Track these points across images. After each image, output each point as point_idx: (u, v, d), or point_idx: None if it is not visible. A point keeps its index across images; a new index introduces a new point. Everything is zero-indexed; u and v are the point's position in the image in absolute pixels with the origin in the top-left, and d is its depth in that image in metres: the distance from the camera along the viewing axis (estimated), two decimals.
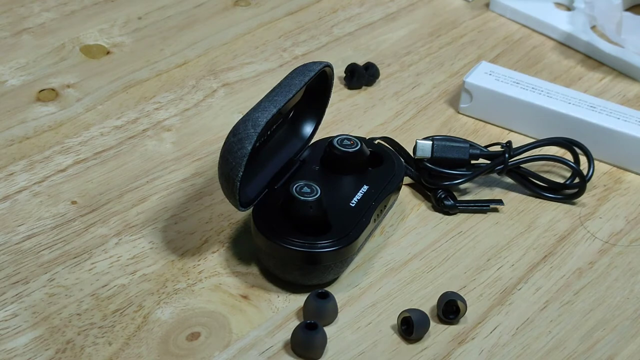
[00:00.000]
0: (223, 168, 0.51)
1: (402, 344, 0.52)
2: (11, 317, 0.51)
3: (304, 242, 0.52)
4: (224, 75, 0.70)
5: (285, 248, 0.52)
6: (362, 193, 0.56)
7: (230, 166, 0.50)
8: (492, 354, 0.51)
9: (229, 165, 0.50)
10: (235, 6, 0.78)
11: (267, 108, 0.52)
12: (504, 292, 0.55)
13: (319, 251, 0.52)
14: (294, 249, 0.52)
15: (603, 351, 0.52)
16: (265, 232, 0.52)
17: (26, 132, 0.63)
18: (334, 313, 0.52)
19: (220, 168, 0.51)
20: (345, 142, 0.57)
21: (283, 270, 0.53)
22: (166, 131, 0.64)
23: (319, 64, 0.56)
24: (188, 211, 0.58)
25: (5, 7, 0.75)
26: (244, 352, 0.50)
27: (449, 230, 0.59)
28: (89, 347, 0.50)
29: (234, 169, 0.50)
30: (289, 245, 0.52)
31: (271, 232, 0.52)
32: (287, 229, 0.52)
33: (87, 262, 0.55)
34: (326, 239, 0.52)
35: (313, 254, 0.52)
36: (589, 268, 0.57)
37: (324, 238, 0.52)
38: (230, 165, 0.50)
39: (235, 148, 0.50)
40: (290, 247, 0.52)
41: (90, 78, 0.69)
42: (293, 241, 0.52)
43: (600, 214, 0.60)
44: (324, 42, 0.74)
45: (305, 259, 0.52)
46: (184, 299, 0.53)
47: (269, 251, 0.53)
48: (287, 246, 0.52)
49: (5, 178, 0.60)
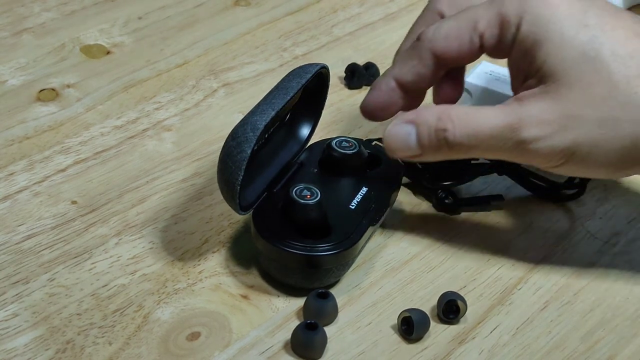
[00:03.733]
0: (223, 172, 0.51)
1: (402, 344, 0.52)
2: (11, 317, 0.51)
3: (305, 246, 0.52)
4: (224, 75, 0.70)
5: (286, 252, 0.52)
6: (361, 195, 0.55)
7: (230, 170, 0.50)
8: (492, 354, 0.51)
9: (228, 169, 0.50)
10: (235, 6, 0.78)
11: (265, 111, 0.52)
12: (504, 292, 0.55)
13: (320, 254, 0.52)
14: (296, 253, 0.52)
15: (603, 351, 0.52)
16: (266, 236, 0.52)
17: (26, 132, 0.63)
18: (334, 313, 0.52)
19: (220, 172, 0.51)
20: (344, 144, 0.57)
21: (284, 273, 0.53)
22: (166, 131, 0.64)
23: (316, 65, 0.56)
24: (188, 211, 0.58)
25: (5, 7, 0.75)
26: (244, 352, 0.50)
27: (449, 230, 0.59)
28: (89, 347, 0.50)
29: (234, 172, 0.50)
30: (290, 249, 0.52)
31: (272, 236, 0.52)
32: (288, 232, 0.52)
33: (87, 262, 0.55)
34: (327, 242, 0.52)
35: (314, 257, 0.52)
36: (588, 268, 0.57)
37: (325, 241, 0.52)
38: (229, 169, 0.50)
39: (235, 152, 0.50)
40: (291, 250, 0.52)
41: (90, 78, 0.69)
42: (294, 245, 0.52)
43: (600, 214, 0.60)
44: (324, 42, 0.74)
45: (306, 263, 0.52)
46: (184, 298, 0.53)
47: (269, 255, 0.53)
48: (289, 250, 0.52)
49: (6, 178, 0.60)
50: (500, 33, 0.52)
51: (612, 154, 0.51)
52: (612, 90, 0.50)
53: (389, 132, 0.53)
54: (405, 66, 0.55)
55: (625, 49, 0.50)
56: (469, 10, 0.53)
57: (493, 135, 0.51)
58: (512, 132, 0.50)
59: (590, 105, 0.50)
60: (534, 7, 0.51)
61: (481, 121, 0.51)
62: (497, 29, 0.52)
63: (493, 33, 0.52)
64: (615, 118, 0.50)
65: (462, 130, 0.51)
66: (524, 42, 0.51)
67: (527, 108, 0.50)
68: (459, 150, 0.52)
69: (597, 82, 0.50)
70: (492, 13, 0.52)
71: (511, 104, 0.51)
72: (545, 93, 0.50)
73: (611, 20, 0.51)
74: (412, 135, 0.52)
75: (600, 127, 0.50)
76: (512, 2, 0.52)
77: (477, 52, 0.53)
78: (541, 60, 0.51)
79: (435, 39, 0.53)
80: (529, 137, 0.50)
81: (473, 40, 0.53)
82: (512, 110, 0.51)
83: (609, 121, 0.50)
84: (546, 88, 0.50)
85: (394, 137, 0.53)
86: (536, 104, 0.50)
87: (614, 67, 0.50)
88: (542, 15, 0.51)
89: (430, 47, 0.54)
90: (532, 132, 0.50)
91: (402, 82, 0.55)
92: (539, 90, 0.51)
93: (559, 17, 0.51)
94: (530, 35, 0.51)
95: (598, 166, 0.51)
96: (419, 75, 0.54)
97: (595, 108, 0.50)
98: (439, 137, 0.51)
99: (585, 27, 0.50)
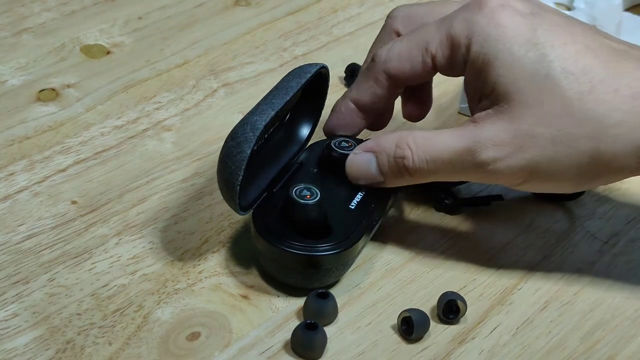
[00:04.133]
0: (222, 172, 0.51)
1: (402, 344, 0.52)
2: (11, 317, 0.51)
3: (305, 246, 0.52)
4: (224, 75, 0.70)
5: (287, 252, 0.52)
6: (361, 195, 0.55)
7: (230, 170, 0.50)
8: (492, 354, 0.51)
9: (228, 169, 0.50)
10: (235, 6, 0.78)
11: (265, 111, 0.52)
12: (504, 292, 0.55)
13: (321, 254, 0.52)
14: (296, 253, 0.52)
15: (603, 351, 0.52)
16: (267, 236, 0.52)
17: (26, 132, 0.63)
18: (334, 313, 0.52)
19: (220, 172, 0.51)
20: (343, 144, 0.57)
21: (284, 273, 0.53)
22: (166, 131, 0.64)
23: (315, 65, 0.56)
24: (188, 211, 0.58)
25: (5, 7, 0.75)
26: (244, 352, 0.50)
27: (449, 230, 0.59)
28: (89, 347, 0.50)
29: (234, 173, 0.50)
30: (290, 249, 0.52)
31: (272, 236, 0.52)
32: (288, 232, 0.52)
33: (88, 262, 0.55)
34: (328, 242, 0.52)
35: (315, 257, 0.52)
36: (589, 268, 0.57)
37: (326, 241, 0.52)
38: (229, 170, 0.50)
39: (235, 152, 0.50)
40: (292, 251, 0.52)
41: (90, 78, 0.69)
42: (295, 245, 0.52)
43: (600, 214, 0.60)
44: (324, 42, 0.74)
45: (307, 263, 0.52)
46: (184, 298, 0.53)
47: (270, 255, 0.53)
48: (289, 250, 0.52)
49: (6, 178, 0.60)
50: (451, 54, 0.53)
51: (571, 170, 0.51)
52: (566, 107, 0.50)
53: (350, 160, 0.55)
54: (362, 88, 0.56)
55: (577, 65, 0.50)
56: (421, 31, 0.54)
57: (452, 160, 0.52)
58: (470, 155, 0.51)
59: (544, 123, 0.50)
60: (483, 28, 0.51)
61: (438, 146, 0.52)
62: (448, 50, 0.52)
63: (444, 54, 0.53)
64: (571, 135, 0.50)
65: (421, 157, 0.52)
66: (475, 63, 0.52)
67: (482, 130, 0.51)
68: (420, 176, 0.53)
69: (549, 101, 0.50)
70: (442, 34, 0.53)
71: (468, 127, 0.52)
72: (500, 114, 0.51)
73: (562, 36, 0.51)
74: (373, 163, 0.54)
75: (556, 145, 0.50)
76: (461, 22, 0.52)
77: (430, 71, 0.54)
78: (493, 81, 0.51)
79: (389, 59, 0.54)
80: (487, 159, 0.51)
81: (425, 61, 0.53)
82: (469, 132, 0.51)
83: (564, 138, 0.50)
84: (500, 109, 0.51)
85: (355, 166, 0.55)
86: (491, 125, 0.51)
87: (566, 85, 0.50)
88: (491, 36, 0.51)
89: (384, 69, 0.55)
90: (489, 154, 0.51)
91: (360, 104, 0.57)
92: (494, 111, 0.51)
93: (508, 36, 0.51)
94: (480, 56, 0.51)
95: (559, 182, 0.52)
96: (376, 96, 0.56)
97: (549, 126, 0.50)
98: (398, 164, 0.53)
99: (535, 45, 0.50)
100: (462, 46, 0.52)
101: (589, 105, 0.49)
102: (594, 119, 0.50)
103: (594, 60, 0.50)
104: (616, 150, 0.50)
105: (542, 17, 0.51)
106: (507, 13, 0.51)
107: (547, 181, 0.52)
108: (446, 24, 0.53)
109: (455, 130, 0.52)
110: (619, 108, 0.49)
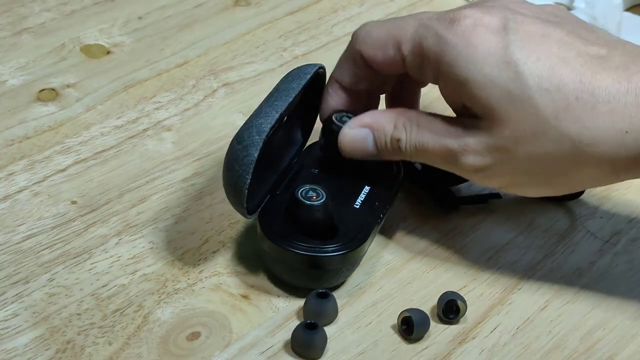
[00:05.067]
0: (230, 176, 0.51)
1: (402, 344, 0.52)
2: (11, 317, 0.51)
3: (313, 247, 0.52)
4: (224, 75, 0.70)
5: (295, 253, 0.52)
6: (364, 194, 0.55)
7: (238, 174, 0.50)
8: (492, 353, 0.51)
9: (235, 173, 0.50)
10: (235, 6, 0.78)
11: (269, 113, 0.52)
12: (504, 292, 0.55)
13: (329, 255, 0.52)
14: (305, 254, 0.52)
15: (603, 351, 0.52)
16: (273, 238, 0.52)
17: (26, 131, 0.63)
18: (334, 313, 0.52)
19: (226, 176, 0.51)
20: (345, 119, 0.56)
21: (292, 275, 0.53)
22: (166, 131, 0.64)
23: (313, 66, 0.56)
24: (188, 211, 0.58)
25: (5, 7, 0.75)
26: (244, 352, 0.50)
27: (449, 230, 0.59)
28: (89, 347, 0.50)
29: (242, 176, 0.50)
30: (298, 250, 0.52)
31: (279, 238, 0.52)
32: (295, 234, 0.52)
33: (87, 262, 0.55)
34: (335, 243, 0.52)
35: (324, 258, 0.52)
36: (589, 268, 0.57)
37: (334, 242, 0.52)
38: (237, 173, 0.50)
39: (242, 155, 0.50)
40: (300, 252, 0.52)
41: (90, 78, 0.69)
42: (302, 246, 0.52)
43: (600, 213, 0.60)
44: (324, 42, 0.74)
45: (316, 264, 0.52)
46: (184, 298, 0.53)
47: (277, 257, 0.53)
48: (297, 251, 0.52)
49: (6, 178, 0.60)
50: (421, 63, 0.52)
51: (548, 185, 0.52)
52: (542, 125, 0.49)
53: (344, 134, 0.54)
54: (342, 68, 0.56)
55: (551, 82, 0.49)
56: (398, 24, 0.53)
57: (438, 154, 0.52)
58: (452, 156, 0.51)
59: (521, 142, 0.50)
60: (453, 48, 0.50)
61: (428, 137, 0.52)
62: (419, 59, 0.52)
63: (415, 61, 0.53)
64: (547, 153, 0.50)
65: (412, 142, 0.52)
66: (447, 82, 0.51)
67: (467, 134, 0.51)
68: (411, 158, 0.54)
69: (524, 120, 0.49)
70: (414, 43, 0.52)
71: (457, 127, 0.52)
72: (479, 127, 0.51)
73: (535, 50, 0.49)
74: (370, 140, 0.54)
75: (532, 163, 0.50)
76: (432, 38, 0.51)
77: (401, 68, 0.54)
78: (468, 101, 0.51)
79: (364, 42, 0.54)
80: (466, 164, 0.51)
81: (396, 58, 0.53)
82: (458, 132, 0.51)
83: (541, 156, 0.50)
84: (478, 123, 0.51)
85: (350, 140, 0.54)
86: (474, 134, 0.51)
87: (541, 102, 0.49)
88: (462, 56, 0.50)
89: (359, 49, 0.54)
90: (469, 160, 0.51)
91: (343, 84, 0.56)
92: (476, 122, 0.51)
93: (479, 57, 0.50)
94: (451, 76, 0.51)
95: (536, 193, 0.54)
96: (356, 76, 0.56)
97: (526, 144, 0.50)
98: (394, 145, 0.53)
99: (507, 64, 0.49)
100: (431, 61, 0.51)
101: (565, 122, 0.49)
102: (569, 137, 0.49)
103: (570, 75, 0.49)
104: (592, 168, 0.50)
105: (515, 32, 0.50)
106: (479, 33, 0.50)
107: (526, 192, 0.53)
108: (420, 33, 0.52)
109: (449, 123, 0.52)
110: (595, 126, 0.48)
